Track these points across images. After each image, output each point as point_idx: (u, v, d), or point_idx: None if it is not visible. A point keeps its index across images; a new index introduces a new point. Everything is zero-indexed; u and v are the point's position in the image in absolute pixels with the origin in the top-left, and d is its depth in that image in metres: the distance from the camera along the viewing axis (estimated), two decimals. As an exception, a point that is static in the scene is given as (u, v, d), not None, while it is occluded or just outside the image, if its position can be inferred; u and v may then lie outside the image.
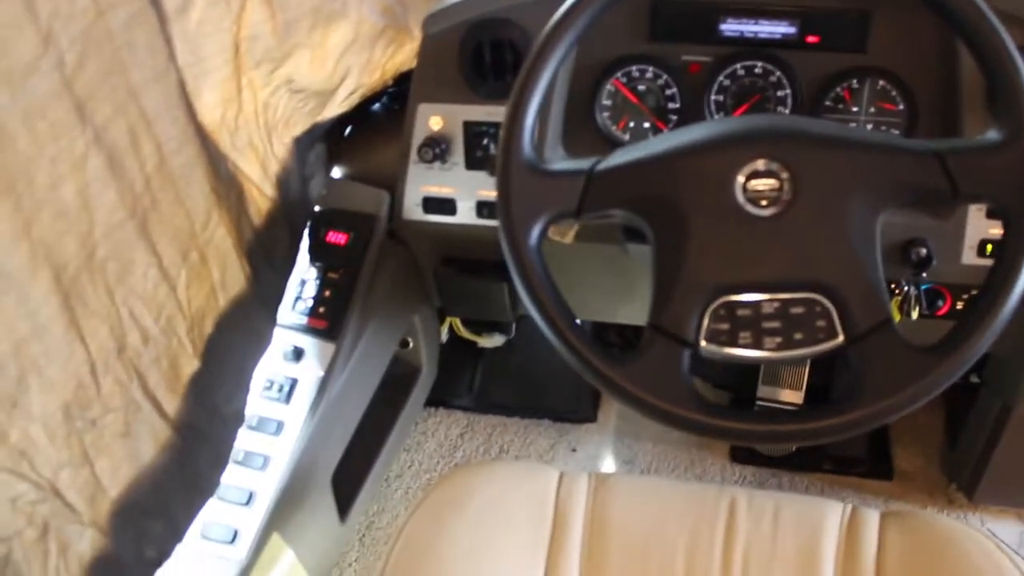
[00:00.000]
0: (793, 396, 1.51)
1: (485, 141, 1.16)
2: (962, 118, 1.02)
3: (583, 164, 0.83)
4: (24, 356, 0.72)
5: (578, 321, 0.82)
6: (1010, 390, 1.26)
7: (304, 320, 1.19)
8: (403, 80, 1.20)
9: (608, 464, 1.62)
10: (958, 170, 0.76)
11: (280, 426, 1.15)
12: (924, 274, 1.09)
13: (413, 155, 1.18)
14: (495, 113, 1.15)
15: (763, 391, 1.52)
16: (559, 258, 0.84)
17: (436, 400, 1.67)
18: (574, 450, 1.64)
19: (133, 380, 0.85)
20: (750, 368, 1.49)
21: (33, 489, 0.74)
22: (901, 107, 1.08)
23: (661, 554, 0.93)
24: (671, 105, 1.12)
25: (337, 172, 1.27)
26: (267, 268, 1.07)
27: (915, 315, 1.17)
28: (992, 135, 0.78)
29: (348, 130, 1.29)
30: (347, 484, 1.36)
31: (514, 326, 1.58)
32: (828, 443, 1.59)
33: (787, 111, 1.10)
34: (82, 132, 0.74)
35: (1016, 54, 0.78)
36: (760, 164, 0.78)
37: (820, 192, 0.78)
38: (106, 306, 0.80)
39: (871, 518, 0.93)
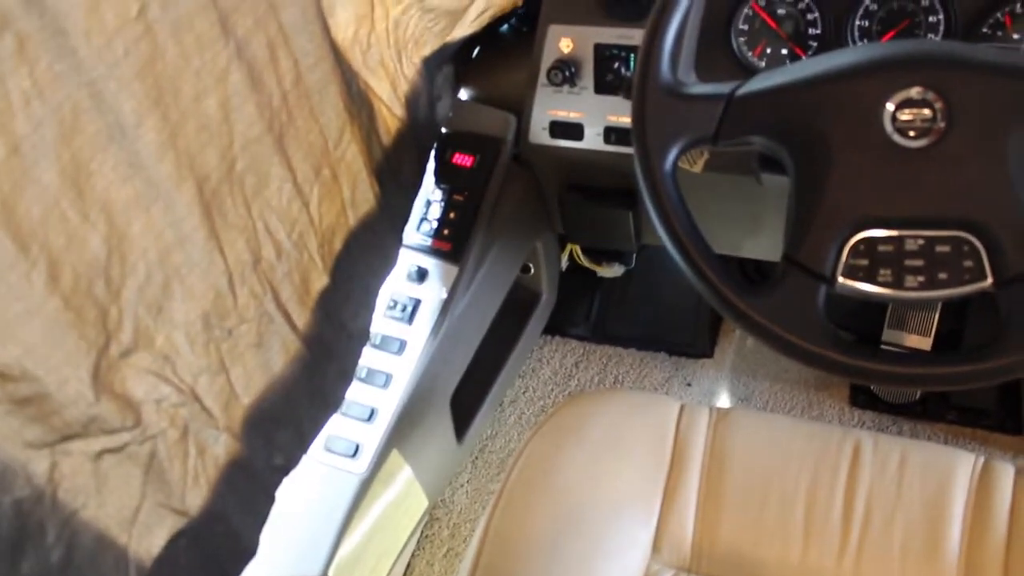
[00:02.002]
0: (920, 342, 1.45)
1: (616, 65, 1.14)
2: None
3: (722, 88, 0.80)
4: (169, 264, 0.74)
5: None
6: None
7: (429, 241, 1.20)
8: (534, 1, 1.18)
9: (724, 400, 1.60)
10: None
11: (403, 345, 1.16)
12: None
13: (541, 78, 1.17)
14: (628, 36, 1.12)
15: (888, 335, 1.47)
16: (686, 188, 0.82)
17: (553, 328, 1.67)
18: (689, 384, 1.62)
19: (267, 292, 0.87)
20: (877, 310, 1.44)
21: (175, 392, 0.77)
22: None
23: (781, 492, 0.92)
24: (812, 31, 1.07)
25: (464, 94, 1.27)
26: (395, 188, 1.08)
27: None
28: None
29: (476, 51, 1.28)
30: (465, 406, 1.39)
31: (634, 256, 1.56)
32: (956, 392, 1.55)
33: (938, 39, 1.03)
34: (225, 45, 0.75)
35: None
36: (913, 92, 0.73)
37: (977, 124, 0.73)
38: (243, 218, 0.82)
39: (1005, 472, 0.90)
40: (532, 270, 1.48)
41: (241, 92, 0.78)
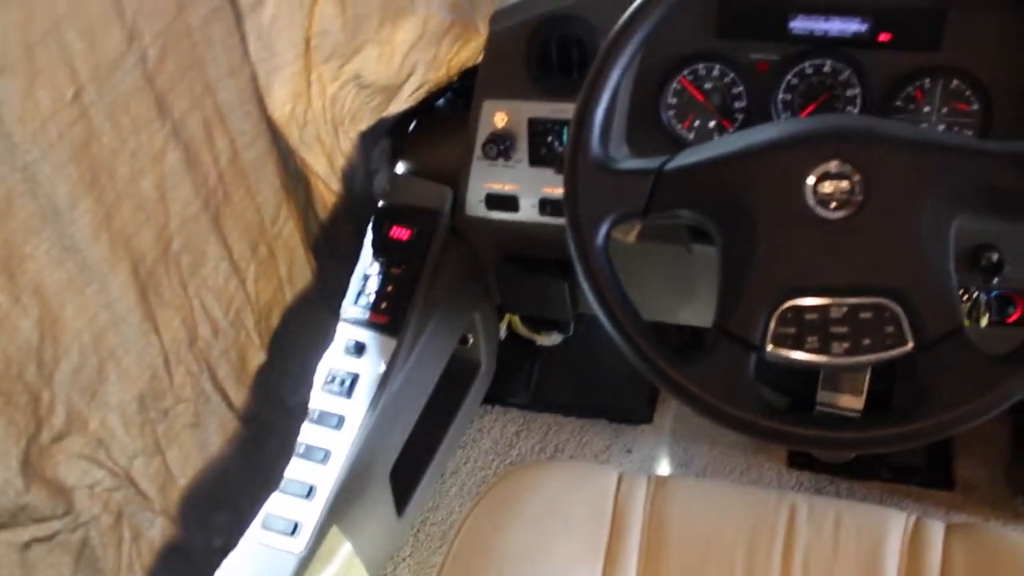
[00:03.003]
0: (853, 402, 1.48)
1: (550, 138, 1.16)
2: None
3: (651, 163, 0.82)
4: (103, 346, 0.73)
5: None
6: (1080, 402, 1.23)
7: (366, 315, 1.20)
8: (468, 76, 1.21)
9: (663, 466, 1.61)
10: None
11: (341, 420, 1.15)
12: (995, 280, 1.07)
13: (477, 151, 1.19)
14: (561, 110, 1.14)
15: (822, 396, 1.50)
16: (620, 257, 0.84)
17: (493, 397, 1.67)
18: (629, 451, 1.63)
19: (203, 371, 0.86)
20: (810, 372, 1.47)
21: (109, 476, 0.75)
22: (975, 107, 1.05)
23: (720, 559, 0.92)
24: (737, 104, 1.11)
25: (401, 167, 1.28)
26: (332, 262, 1.08)
27: (984, 322, 1.15)
28: None
29: (412, 125, 1.30)
30: (405, 479, 1.37)
31: (572, 324, 1.58)
32: (888, 451, 1.58)
33: (856, 111, 1.08)
34: (161, 126, 0.76)
35: None
36: (832, 165, 0.77)
37: (892, 195, 0.77)
38: (180, 298, 0.82)
39: (936, 530, 0.92)
40: (471, 341, 1.48)
41: (177, 172, 0.79)
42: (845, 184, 0.76)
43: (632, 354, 0.81)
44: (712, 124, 1.12)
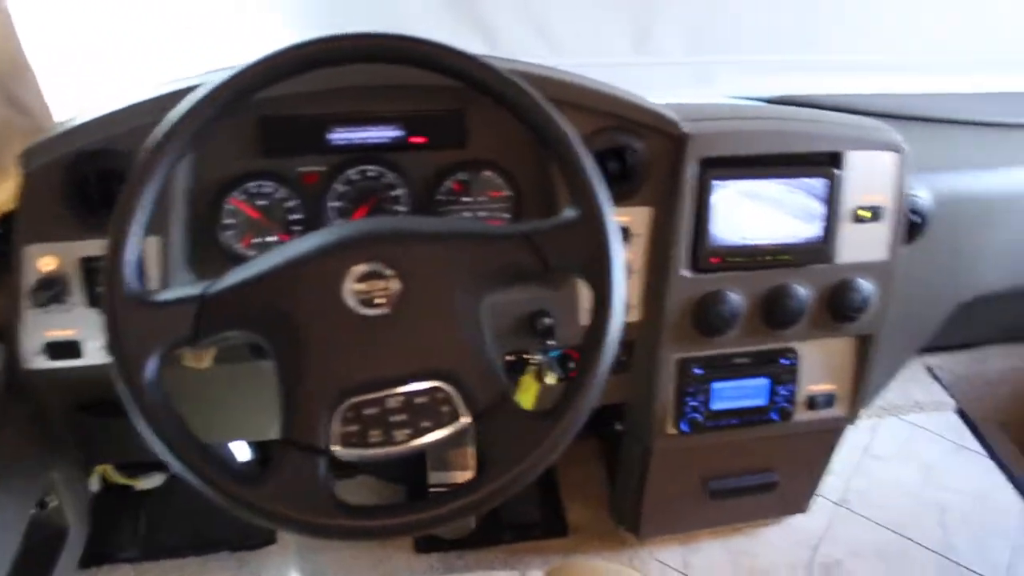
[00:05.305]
0: (464, 477, 1.55)
1: (105, 276, 1.11)
2: (559, 197, 1.12)
3: (194, 290, 0.82)
4: None
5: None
6: (645, 433, 1.38)
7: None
8: (7, 221, 1.13)
9: (295, 583, 1.58)
10: (545, 247, 0.85)
11: None
12: (551, 341, 1.17)
13: (26, 300, 1.10)
14: None
15: (434, 477, 1.55)
16: (199, 384, 0.82)
17: (96, 557, 1.54)
18: (257, 577, 1.57)
19: None
20: (418, 457, 1.52)
21: None
22: (508, 192, 1.16)
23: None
24: (293, 216, 1.14)
25: (-63, 330, 1.16)
26: None
27: (551, 380, 1.26)
28: (569, 213, 0.87)
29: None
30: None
31: (172, 462, 1.50)
32: (505, 512, 1.66)
33: (406, 209, 1.15)
34: None
35: (577, 141, 0.88)
36: (363, 267, 0.82)
37: (424, 285, 0.83)
38: None
39: None
40: (51, 503, 1.35)
41: None
42: (382, 282, 0.81)
43: (200, 484, 0.79)
44: (272, 239, 1.14)
